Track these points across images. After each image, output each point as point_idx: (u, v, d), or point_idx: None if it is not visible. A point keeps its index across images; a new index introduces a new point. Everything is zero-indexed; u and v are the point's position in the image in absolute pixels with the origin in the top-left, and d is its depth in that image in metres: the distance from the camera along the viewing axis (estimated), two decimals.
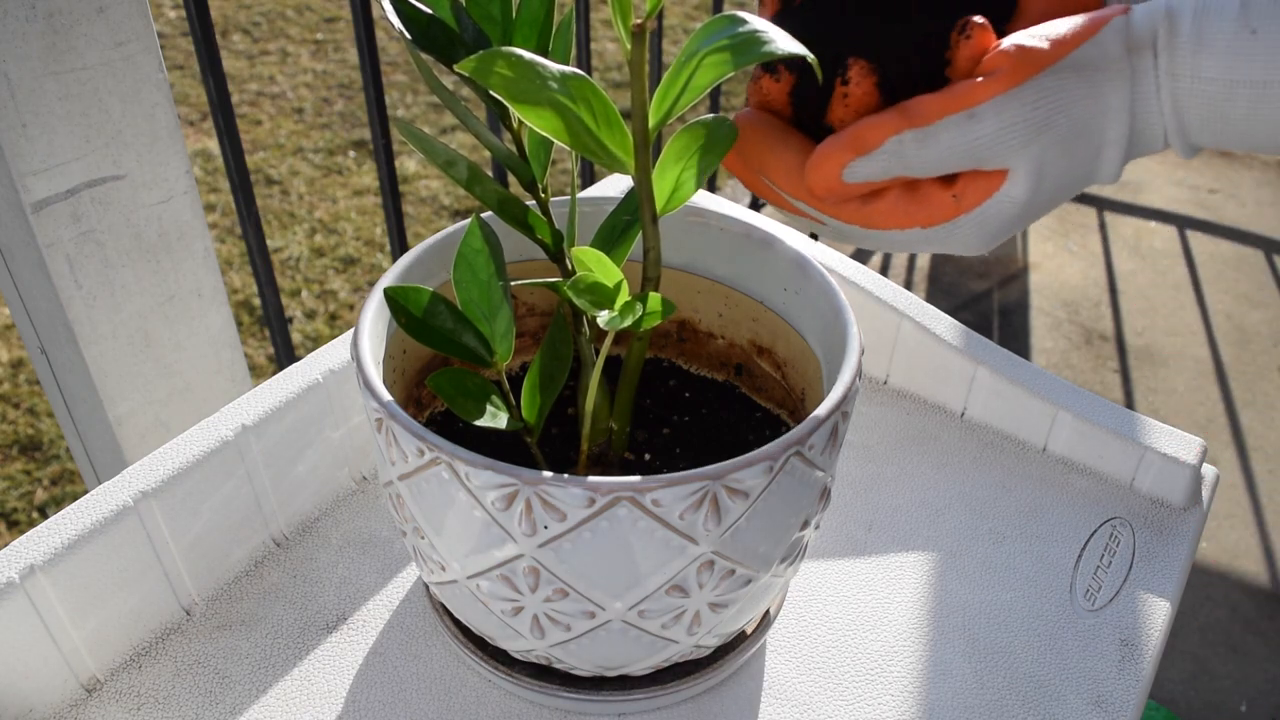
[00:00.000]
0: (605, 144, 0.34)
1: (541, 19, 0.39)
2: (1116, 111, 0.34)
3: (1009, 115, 0.33)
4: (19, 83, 0.66)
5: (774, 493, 0.37)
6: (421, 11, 0.38)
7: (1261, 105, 0.32)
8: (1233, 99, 0.32)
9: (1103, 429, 0.56)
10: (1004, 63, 0.33)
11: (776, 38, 0.32)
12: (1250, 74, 0.31)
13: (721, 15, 0.33)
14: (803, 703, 0.46)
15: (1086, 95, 0.34)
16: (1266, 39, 0.31)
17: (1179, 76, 0.33)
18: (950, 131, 0.34)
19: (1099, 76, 0.34)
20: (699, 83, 0.33)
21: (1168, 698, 1.25)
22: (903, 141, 0.34)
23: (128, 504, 0.44)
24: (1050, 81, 0.33)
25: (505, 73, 0.32)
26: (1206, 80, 0.32)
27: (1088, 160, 0.34)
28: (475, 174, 0.39)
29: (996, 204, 0.34)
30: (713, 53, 0.33)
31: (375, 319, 0.41)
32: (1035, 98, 0.33)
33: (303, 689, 0.45)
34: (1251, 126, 0.32)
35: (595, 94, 0.33)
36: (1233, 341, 1.86)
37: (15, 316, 0.80)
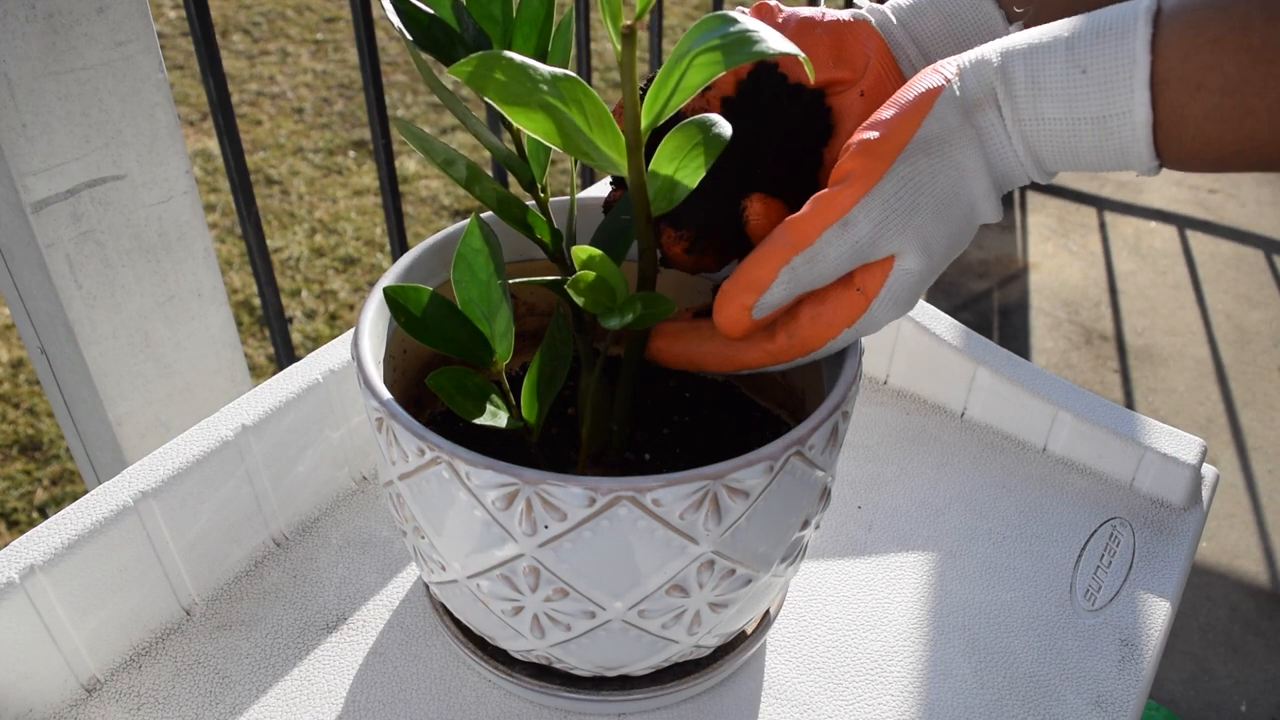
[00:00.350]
0: (598, 145, 0.34)
1: (542, 19, 0.39)
2: (975, 172, 0.36)
3: (878, 212, 0.35)
4: (19, 83, 0.66)
5: (774, 492, 0.37)
6: (422, 11, 0.38)
7: (1105, 137, 0.34)
8: (1077, 134, 0.34)
9: (1103, 429, 0.56)
10: (856, 166, 0.35)
11: (767, 37, 0.32)
12: (1089, 110, 0.33)
13: (712, 15, 0.33)
14: (803, 703, 0.46)
15: (942, 169, 0.36)
16: (1097, 75, 0.33)
17: (1024, 121, 0.35)
18: (832, 244, 0.36)
19: (947, 148, 0.36)
20: (690, 83, 0.33)
21: (1168, 698, 1.25)
22: (794, 267, 0.36)
23: (128, 504, 0.44)
24: (905, 169, 0.35)
25: (498, 76, 0.32)
26: (1051, 121, 0.34)
27: (965, 217, 0.37)
28: (475, 173, 0.39)
29: (898, 281, 0.37)
30: (703, 53, 0.33)
31: (375, 319, 0.41)
32: (897, 188, 0.35)
33: (303, 689, 0.45)
34: (1100, 155, 0.34)
35: (587, 95, 0.33)
36: (1233, 341, 1.86)
37: (15, 316, 0.80)
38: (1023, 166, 0.36)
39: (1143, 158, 0.34)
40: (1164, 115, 0.33)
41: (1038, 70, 0.34)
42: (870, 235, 0.35)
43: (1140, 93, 0.32)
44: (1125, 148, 0.34)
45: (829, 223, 0.35)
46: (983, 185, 0.36)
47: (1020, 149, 0.35)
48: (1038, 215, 2.23)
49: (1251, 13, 0.31)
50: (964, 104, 0.35)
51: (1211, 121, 0.32)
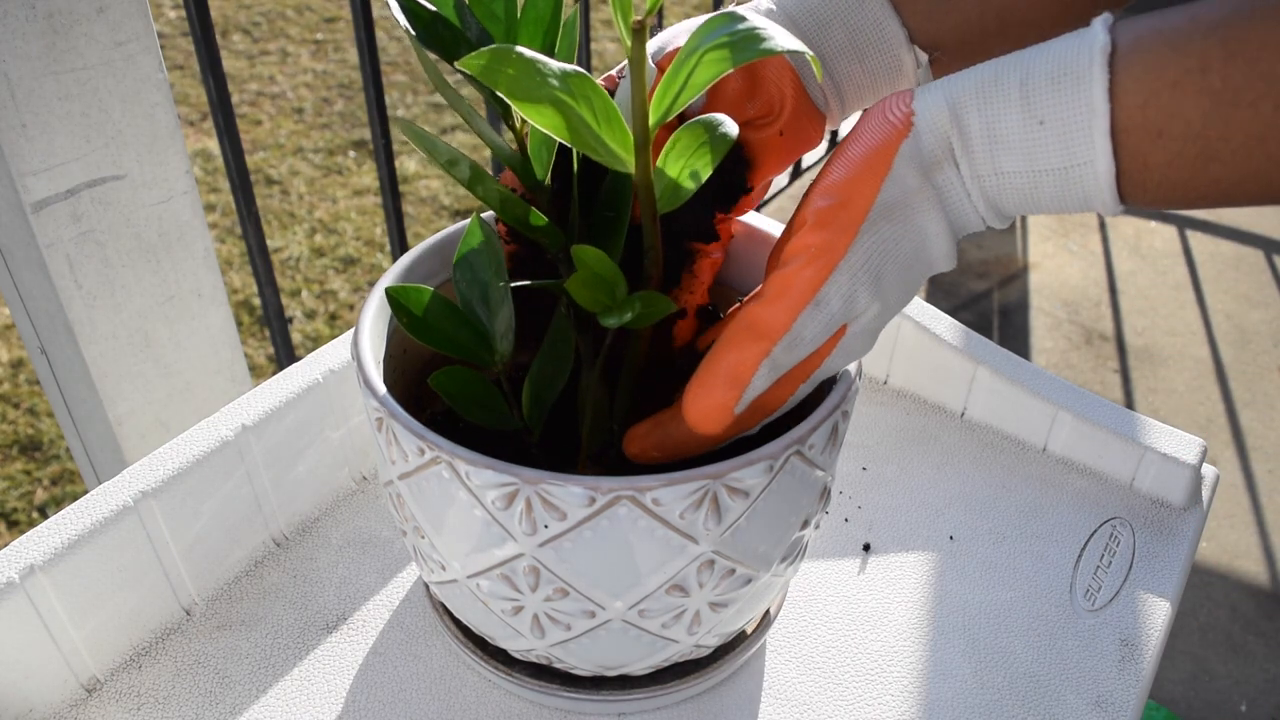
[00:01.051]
0: (606, 141, 0.34)
1: (548, 19, 0.39)
2: (938, 235, 0.35)
3: (845, 286, 0.34)
4: (19, 83, 0.66)
5: (774, 492, 0.37)
6: (425, 8, 0.38)
7: (1067, 187, 0.33)
8: (1039, 186, 0.33)
9: (1103, 429, 0.56)
10: (816, 239, 0.34)
11: (775, 35, 0.32)
12: (1049, 163, 0.33)
13: (721, 13, 0.33)
14: (803, 703, 0.46)
15: (906, 234, 0.35)
16: (1055, 127, 0.32)
17: (983, 177, 0.34)
18: (808, 326, 0.35)
19: (909, 213, 0.35)
20: (698, 80, 0.33)
21: (1168, 698, 1.25)
22: (774, 357, 0.35)
23: (128, 504, 0.44)
24: (869, 240, 0.34)
25: (507, 70, 0.32)
26: (1011, 174, 0.33)
27: (923, 274, 0.36)
28: (478, 173, 0.39)
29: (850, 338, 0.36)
30: (711, 50, 0.33)
31: (375, 319, 0.41)
32: (863, 260, 0.34)
33: (303, 689, 0.45)
34: (1063, 203, 0.34)
35: (595, 91, 0.33)
36: (1233, 341, 1.86)
37: (15, 316, 0.80)
38: (980, 217, 0.36)
39: (1106, 204, 0.33)
40: (1126, 164, 0.32)
41: (993, 122, 0.33)
42: (842, 309, 0.35)
43: (1101, 142, 0.31)
44: (1088, 196, 0.33)
45: (801, 306, 0.34)
46: (944, 246, 0.36)
47: (980, 203, 0.35)
48: (1038, 215, 2.22)
49: (1209, 50, 0.30)
50: (922, 161, 0.34)
51: (1175, 168, 0.32)
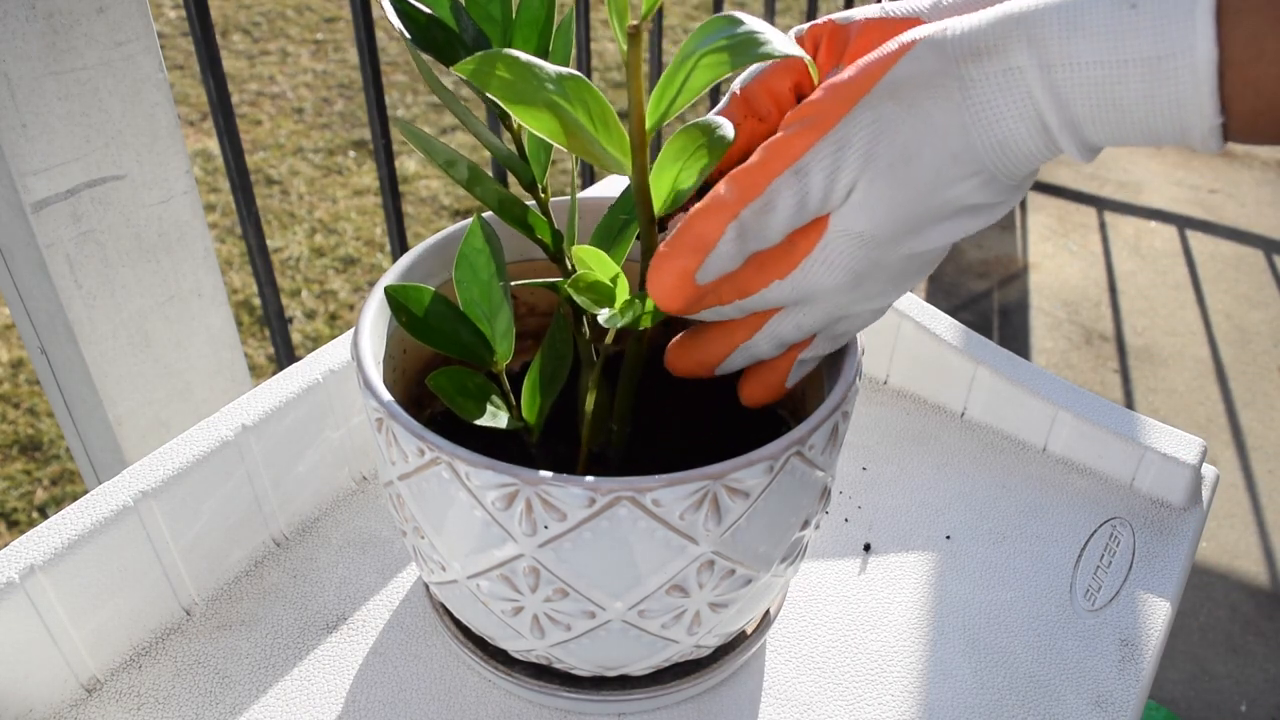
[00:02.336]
0: (603, 145, 0.34)
1: (542, 20, 0.39)
2: (944, 129, 0.31)
3: (829, 160, 0.31)
4: (19, 83, 0.66)
5: (774, 492, 0.37)
6: (420, 11, 0.38)
7: (1157, 84, 0.28)
8: (1123, 80, 0.28)
9: (1103, 429, 0.56)
10: (813, 110, 0.32)
11: (773, 39, 0.32)
12: (1138, 50, 0.28)
13: (719, 16, 0.33)
14: (803, 703, 0.46)
15: (907, 118, 0.31)
16: (1149, 8, 0.27)
17: (1053, 67, 0.29)
18: (782, 194, 0.32)
19: (918, 95, 0.31)
20: (695, 83, 0.33)
21: (1168, 698, 1.25)
22: (742, 221, 0.32)
23: (128, 504, 0.44)
24: (865, 114, 0.31)
25: (503, 74, 0.32)
26: (1087, 65, 0.28)
27: (928, 184, 0.31)
28: (476, 174, 0.39)
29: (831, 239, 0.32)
30: (710, 53, 0.32)
31: (375, 319, 0.41)
32: (854, 134, 0.31)
33: (303, 689, 0.45)
34: (1151, 111, 0.29)
35: (592, 95, 0.33)
36: (1233, 341, 1.86)
37: (15, 316, 0.80)
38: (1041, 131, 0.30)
39: (1204, 108, 0.28)
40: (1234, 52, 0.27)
41: (1075, 11, 0.28)
42: (822, 186, 0.31)
43: (1204, 22, 0.27)
44: (1182, 97, 0.28)
45: (779, 170, 0.31)
46: (952, 146, 0.31)
47: (1046, 101, 0.29)
48: (1038, 215, 2.23)
49: None
50: (954, 50, 0.30)
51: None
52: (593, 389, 0.41)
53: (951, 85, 0.30)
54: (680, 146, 0.35)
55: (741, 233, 0.32)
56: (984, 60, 0.30)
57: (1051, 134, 0.30)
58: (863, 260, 0.33)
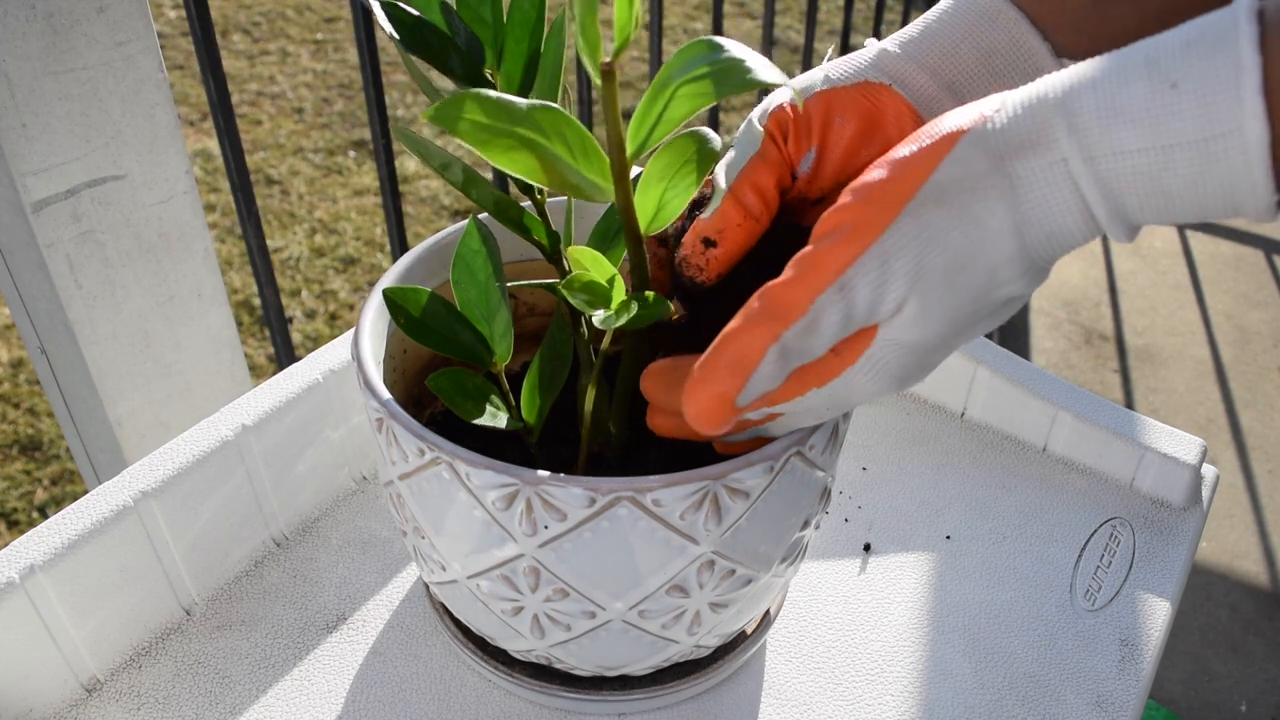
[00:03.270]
0: (584, 174, 0.33)
1: (533, 20, 0.39)
2: (998, 233, 0.29)
3: (875, 274, 0.29)
4: (19, 83, 0.66)
5: (774, 493, 0.37)
6: (408, 14, 0.37)
7: (1207, 166, 0.26)
8: (1170, 166, 0.27)
9: (1103, 429, 0.56)
10: (851, 216, 0.29)
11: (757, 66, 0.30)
12: (1183, 133, 0.26)
13: (699, 41, 0.31)
14: (803, 703, 0.46)
15: (957, 224, 0.29)
16: (1191, 89, 0.26)
17: (1098, 158, 0.27)
18: (827, 311, 0.30)
19: (966, 199, 0.29)
20: (675, 114, 0.32)
21: (1168, 698, 1.25)
22: (784, 343, 0.30)
23: (128, 504, 0.44)
24: (910, 223, 0.29)
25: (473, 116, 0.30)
26: (1133, 153, 0.27)
27: (982, 287, 0.30)
28: (471, 177, 0.39)
29: (880, 349, 0.31)
30: (689, 82, 0.31)
31: (375, 319, 0.41)
32: (900, 245, 0.29)
33: (303, 689, 0.45)
34: (1200, 192, 0.27)
35: (569, 125, 0.32)
36: (1233, 341, 1.86)
37: (15, 316, 0.80)
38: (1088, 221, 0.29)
39: (1258, 188, 0.26)
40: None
41: (1112, 92, 0.27)
42: (870, 299, 0.30)
43: (1252, 102, 0.25)
44: (1234, 178, 0.26)
45: (821, 287, 0.29)
46: (1005, 250, 0.29)
47: (1093, 194, 0.28)
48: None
49: None
50: (998, 146, 0.29)
51: None
52: (592, 389, 0.41)
53: (1002, 185, 0.29)
54: (666, 162, 0.34)
55: (784, 353, 0.30)
56: (1029, 155, 0.28)
57: (1099, 223, 0.29)
58: (910, 366, 0.31)
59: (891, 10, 3.15)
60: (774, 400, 0.32)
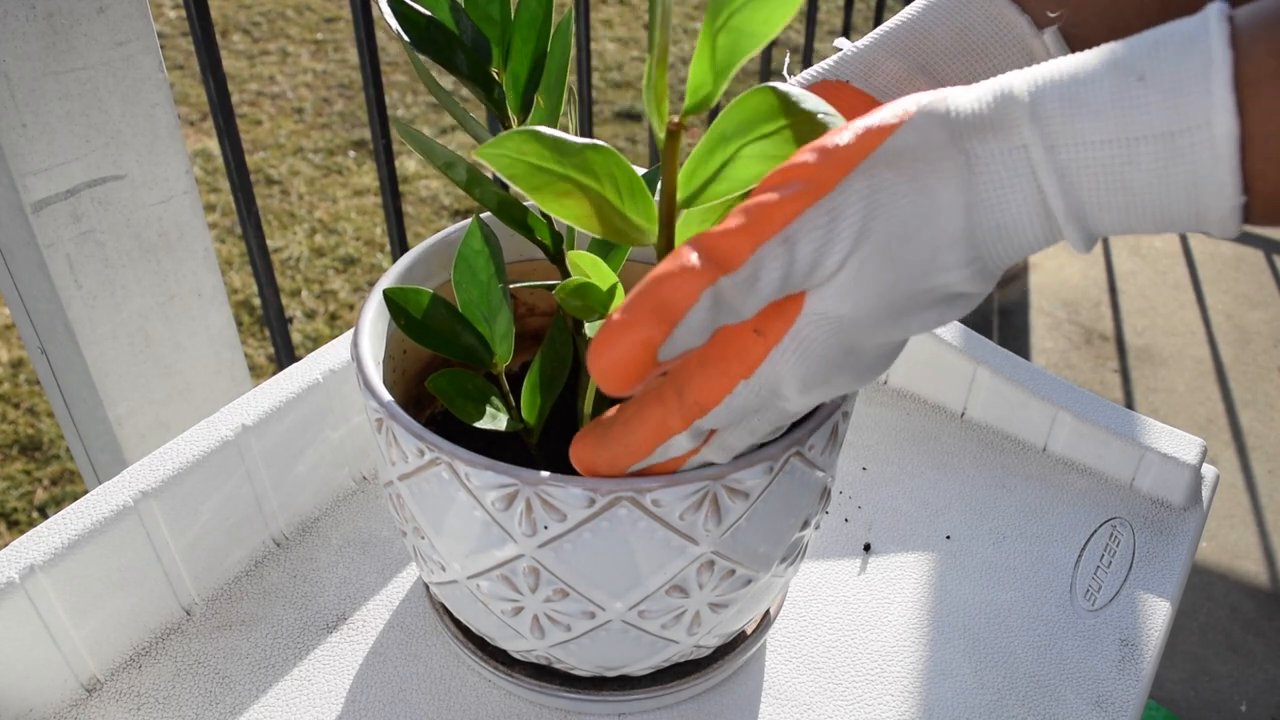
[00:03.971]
0: (630, 218, 0.32)
1: (540, 19, 0.39)
2: (948, 207, 0.28)
3: (822, 231, 0.28)
4: (19, 83, 0.66)
5: (774, 493, 0.37)
6: (419, 13, 0.38)
7: (1172, 161, 0.25)
8: (1133, 160, 0.26)
9: (1103, 429, 0.56)
10: (803, 173, 0.28)
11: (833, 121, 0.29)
12: (1148, 125, 0.25)
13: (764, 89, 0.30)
14: (803, 703, 0.46)
15: (909, 191, 0.28)
16: (1159, 82, 0.25)
17: (1058, 147, 0.26)
18: (769, 265, 0.28)
19: (921, 168, 0.28)
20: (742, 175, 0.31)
21: (1168, 698, 1.25)
22: (720, 291, 0.28)
23: (128, 504, 0.44)
24: (862, 183, 0.28)
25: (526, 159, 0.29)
26: (1093, 144, 0.26)
27: (921, 267, 0.28)
28: (475, 176, 0.39)
29: (806, 325, 0.29)
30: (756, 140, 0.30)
31: (375, 319, 0.41)
32: (848, 203, 0.28)
33: (303, 689, 0.45)
34: (1163, 193, 0.26)
35: (619, 165, 0.31)
36: (1233, 341, 1.86)
37: (15, 316, 0.80)
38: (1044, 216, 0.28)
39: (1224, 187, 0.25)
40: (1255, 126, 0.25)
41: (1078, 84, 0.26)
42: (810, 259, 0.28)
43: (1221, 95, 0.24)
44: (1199, 176, 0.25)
45: (766, 236, 0.28)
46: (953, 228, 0.28)
47: (1051, 185, 0.27)
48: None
49: None
50: (958, 124, 0.28)
51: None
52: (592, 389, 0.41)
53: (957, 160, 0.28)
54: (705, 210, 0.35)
55: (716, 303, 0.28)
56: (989, 137, 0.27)
57: (1055, 220, 0.28)
58: (837, 349, 0.29)
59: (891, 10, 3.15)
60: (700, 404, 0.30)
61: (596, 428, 0.34)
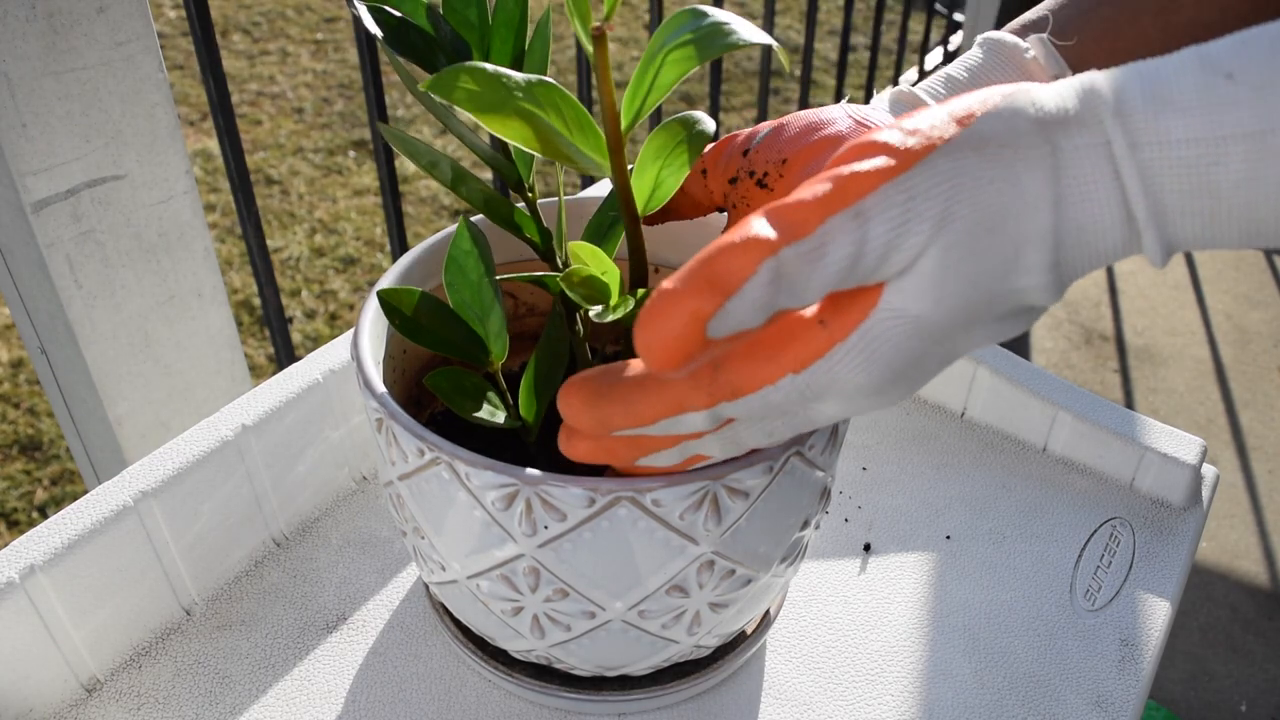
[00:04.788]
0: (579, 148, 0.34)
1: (517, 20, 0.39)
2: (1036, 199, 0.26)
3: (899, 211, 0.25)
4: (19, 83, 0.66)
5: (774, 493, 0.37)
6: (391, 15, 0.38)
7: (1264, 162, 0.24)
8: (1222, 160, 0.24)
9: (1103, 429, 0.56)
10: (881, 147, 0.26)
11: (739, 28, 0.32)
12: (1239, 123, 0.24)
13: (684, 10, 0.33)
14: (803, 703, 0.46)
15: (996, 178, 0.26)
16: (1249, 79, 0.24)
17: (1141, 145, 0.25)
18: (838, 240, 0.25)
19: (1009, 155, 0.26)
20: (665, 79, 0.33)
21: (1168, 698, 1.25)
22: (781, 262, 0.25)
23: (128, 504, 0.44)
24: (945, 164, 0.26)
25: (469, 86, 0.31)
26: (1180, 143, 0.25)
27: (1002, 266, 0.26)
28: (459, 174, 0.39)
29: (880, 322, 0.26)
30: (676, 48, 0.32)
31: (375, 319, 0.41)
32: (929, 184, 0.26)
33: (303, 689, 0.45)
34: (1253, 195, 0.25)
35: (564, 98, 0.33)
36: (1233, 341, 1.86)
37: (15, 316, 0.80)
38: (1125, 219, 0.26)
39: None
40: None
41: (1162, 81, 0.25)
42: (884, 241, 0.26)
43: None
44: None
45: (836, 208, 0.25)
46: (1038, 223, 0.26)
47: (1134, 185, 0.25)
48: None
49: None
50: (1043, 115, 0.26)
51: None
52: None
53: (1044, 149, 0.26)
54: (660, 144, 0.35)
55: (776, 278, 0.25)
56: (1074, 130, 0.26)
57: (1136, 225, 0.26)
58: (905, 356, 0.27)
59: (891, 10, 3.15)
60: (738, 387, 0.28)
61: (599, 377, 0.30)
